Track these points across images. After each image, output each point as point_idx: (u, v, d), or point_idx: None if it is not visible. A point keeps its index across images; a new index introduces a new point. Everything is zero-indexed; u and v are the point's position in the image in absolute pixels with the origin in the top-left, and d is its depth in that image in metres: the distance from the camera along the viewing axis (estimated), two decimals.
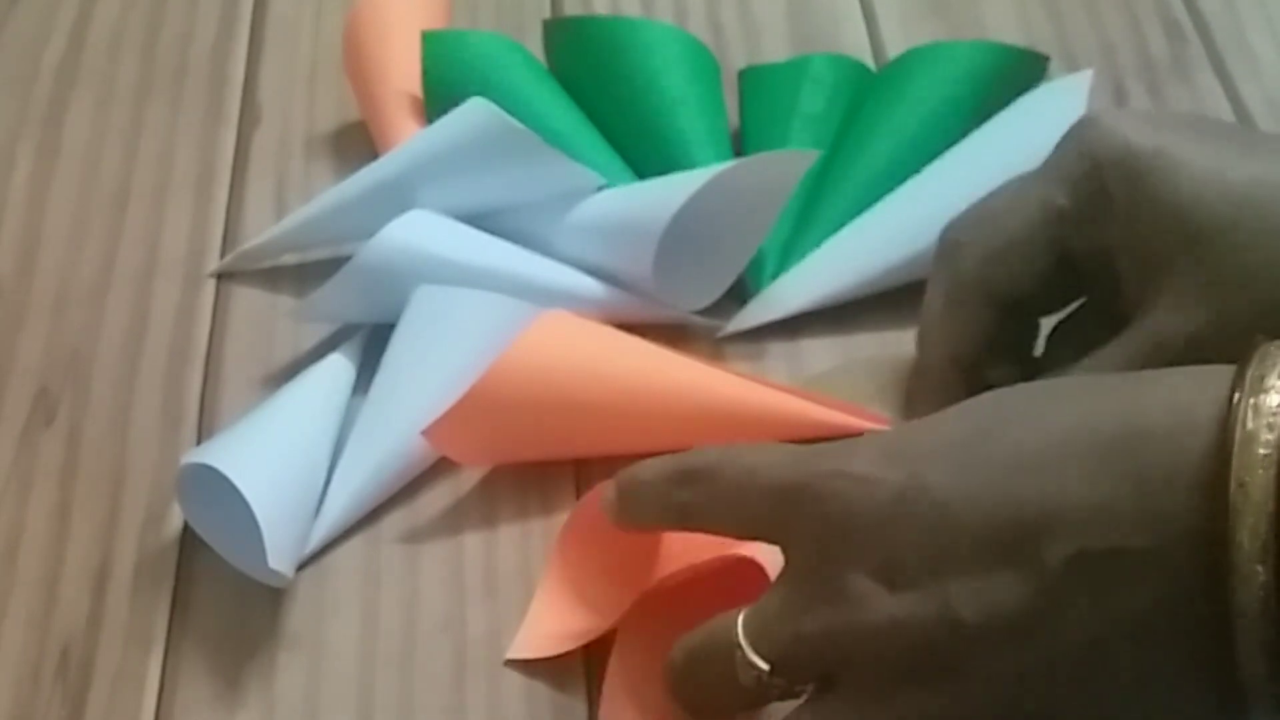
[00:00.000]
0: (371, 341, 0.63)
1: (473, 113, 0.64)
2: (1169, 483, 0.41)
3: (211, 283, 0.67)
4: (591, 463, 0.59)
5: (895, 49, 0.73)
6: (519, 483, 0.59)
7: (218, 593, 0.57)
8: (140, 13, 0.79)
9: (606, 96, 0.69)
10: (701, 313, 0.64)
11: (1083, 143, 0.53)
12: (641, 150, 0.68)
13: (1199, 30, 0.75)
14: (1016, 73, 0.69)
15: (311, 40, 0.78)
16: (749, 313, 0.64)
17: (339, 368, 0.61)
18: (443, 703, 0.54)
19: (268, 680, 0.55)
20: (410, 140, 0.66)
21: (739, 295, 0.64)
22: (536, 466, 0.59)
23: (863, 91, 0.70)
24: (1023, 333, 0.57)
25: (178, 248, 0.68)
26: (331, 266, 0.63)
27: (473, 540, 0.58)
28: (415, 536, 0.58)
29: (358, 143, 0.71)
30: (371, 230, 0.62)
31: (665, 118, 0.68)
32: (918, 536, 0.44)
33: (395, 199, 0.64)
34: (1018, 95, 0.68)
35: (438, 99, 0.68)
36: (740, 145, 0.69)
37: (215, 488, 0.54)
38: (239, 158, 0.72)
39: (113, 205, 0.70)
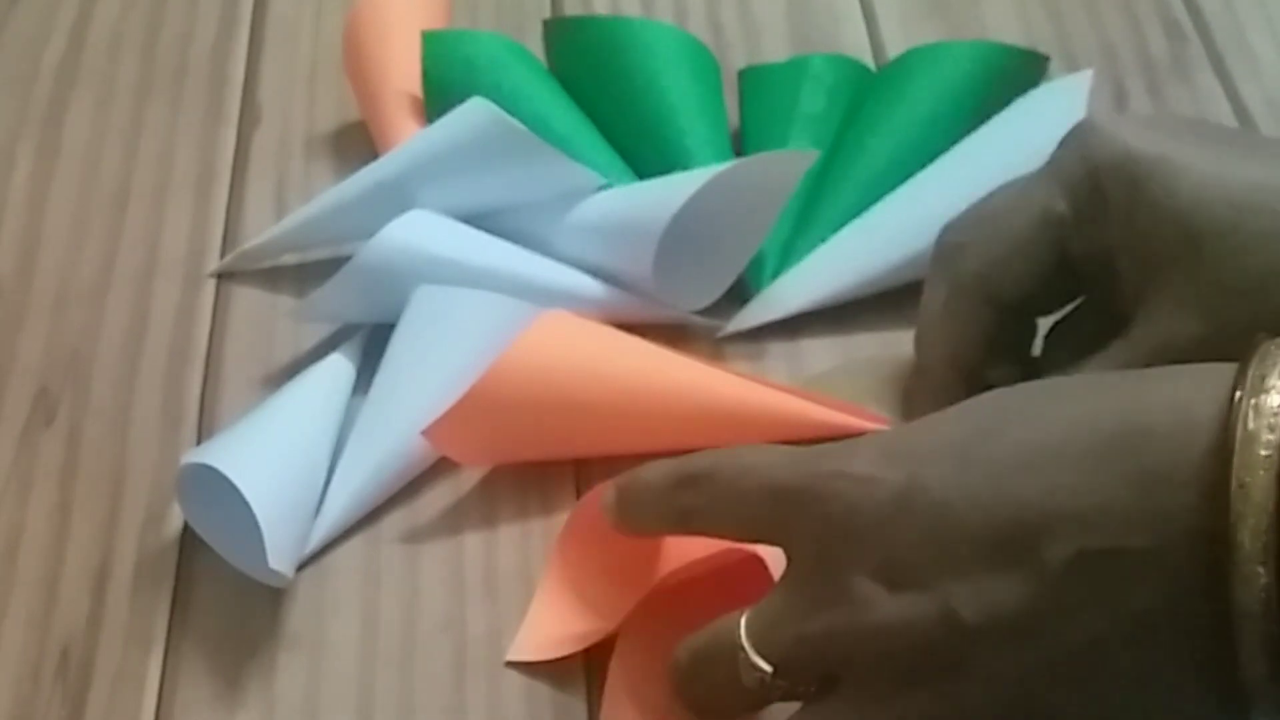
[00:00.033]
0: (371, 341, 0.62)
1: (473, 113, 0.64)
2: (1169, 483, 0.41)
3: (211, 283, 0.67)
4: (591, 463, 0.59)
5: (895, 49, 0.73)
6: (519, 483, 0.59)
7: (218, 593, 0.57)
8: (140, 13, 0.79)
9: (606, 96, 0.69)
10: (701, 313, 0.64)
11: (1082, 147, 0.53)
12: (641, 150, 0.68)
13: (1199, 30, 0.75)
14: (1016, 73, 0.69)
15: (311, 40, 0.78)
16: (749, 313, 0.64)
17: (339, 368, 0.61)
18: (443, 703, 0.54)
19: (268, 680, 0.55)
20: (410, 140, 0.66)
21: (739, 295, 0.64)
22: (536, 466, 0.59)
23: (863, 91, 0.70)
24: (1021, 333, 0.57)
25: (178, 248, 0.68)
26: (331, 266, 0.63)
27: (473, 540, 0.58)
28: (415, 536, 0.58)
29: (358, 143, 0.71)
30: (371, 230, 0.62)
31: (665, 118, 0.68)
32: (918, 537, 0.44)
33: (395, 199, 0.64)
34: (1018, 95, 0.68)
35: (438, 99, 0.68)
36: (740, 145, 0.69)
37: (215, 488, 0.54)
38: (239, 158, 0.72)
39: (113, 205, 0.70)
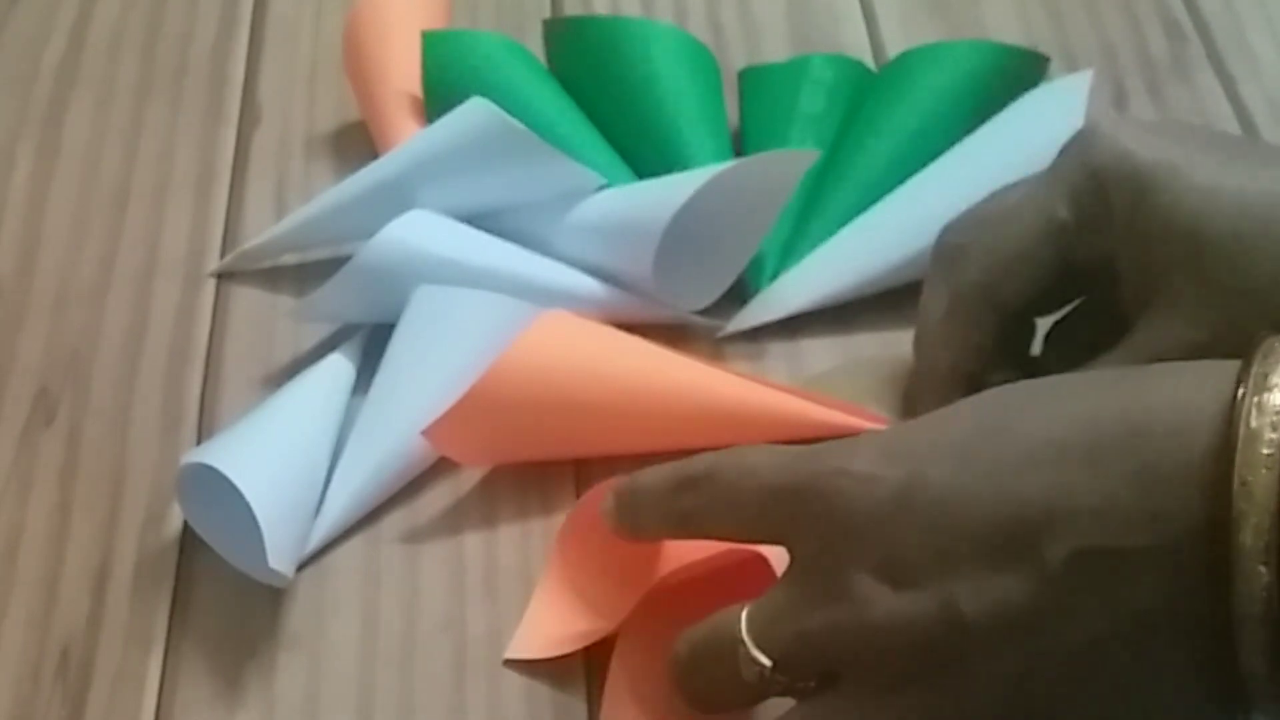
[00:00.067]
0: (371, 341, 0.62)
1: (473, 113, 0.64)
2: (1171, 481, 0.41)
3: (211, 283, 0.67)
4: (591, 463, 0.59)
5: (895, 49, 0.73)
6: (519, 483, 0.59)
7: (218, 593, 0.57)
8: (140, 13, 0.79)
9: (606, 96, 0.69)
10: (701, 313, 0.64)
11: (1085, 154, 0.53)
12: (641, 150, 0.68)
13: (1199, 30, 0.75)
14: (1016, 73, 0.69)
15: (311, 40, 0.78)
16: (749, 313, 0.64)
17: (339, 368, 0.61)
18: (443, 703, 0.54)
19: (268, 680, 0.54)
20: (410, 140, 0.66)
21: (739, 295, 0.64)
22: (536, 466, 0.59)
23: (863, 91, 0.69)
24: (1021, 334, 0.57)
25: (178, 248, 0.68)
26: (331, 266, 0.63)
27: (473, 540, 0.58)
28: (415, 536, 0.58)
29: (358, 143, 0.71)
30: (371, 230, 0.62)
31: (665, 118, 0.68)
32: (919, 535, 0.44)
33: (395, 199, 0.64)
34: (1018, 95, 0.68)
35: (438, 99, 0.68)
36: (740, 145, 0.69)
37: (215, 488, 0.54)
38: (239, 158, 0.72)
39: (113, 205, 0.70)
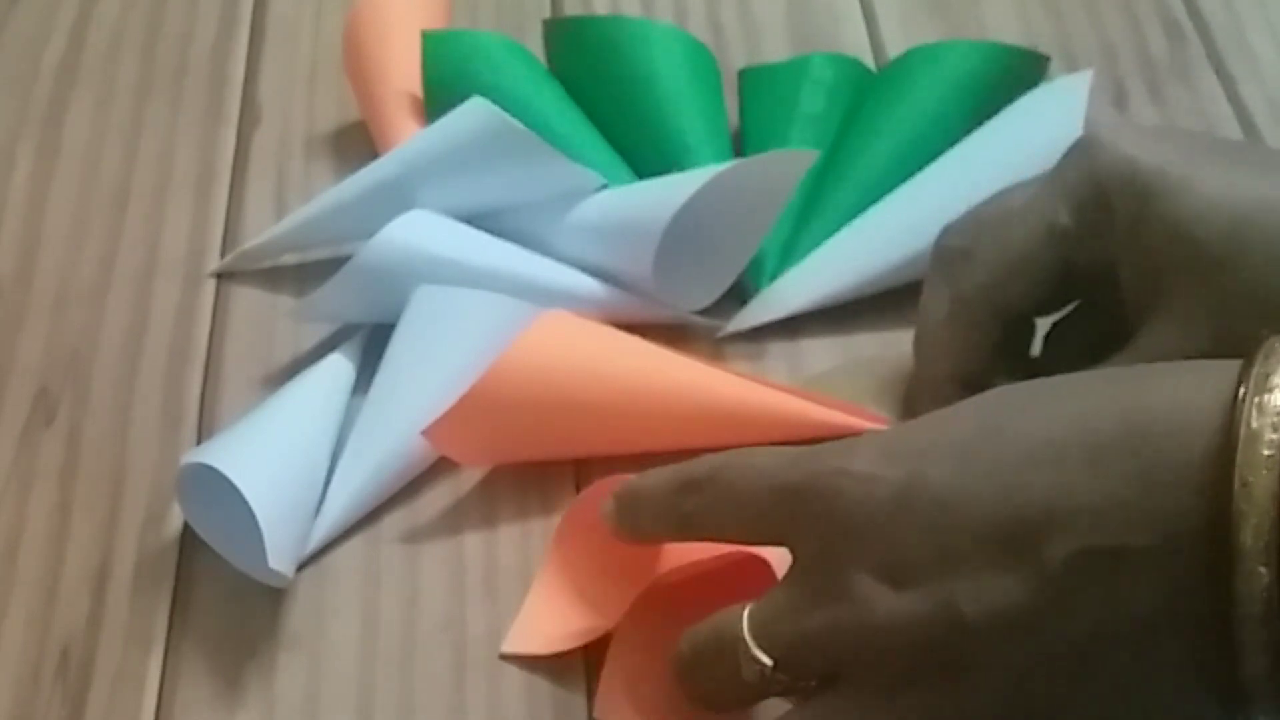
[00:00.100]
0: (371, 341, 0.62)
1: (473, 113, 0.64)
2: (1172, 481, 0.41)
3: (211, 283, 0.67)
4: (591, 463, 0.59)
5: (895, 49, 0.73)
6: (519, 483, 0.59)
7: (218, 593, 0.57)
8: (140, 13, 0.79)
9: (606, 96, 0.69)
10: (701, 313, 0.64)
11: (1087, 161, 0.53)
12: (641, 150, 0.68)
13: (1199, 30, 0.75)
14: (1016, 73, 0.69)
15: (311, 40, 0.78)
16: (749, 313, 0.64)
17: (339, 368, 0.61)
18: (443, 703, 0.54)
19: (268, 680, 0.54)
20: (410, 140, 0.66)
21: (739, 295, 0.64)
22: (536, 466, 0.59)
23: (863, 91, 0.69)
24: (1020, 334, 0.57)
25: (178, 248, 0.68)
26: (331, 266, 0.63)
27: (473, 540, 0.58)
28: (415, 536, 0.58)
29: (358, 143, 0.71)
30: (371, 230, 0.62)
31: (665, 118, 0.68)
32: (920, 535, 0.44)
33: (395, 199, 0.63)
34: (1018, 95, 0.68)
35: (438, 99, 0.68)
36: (740, 145, 0.69)
37: (215, 488, 0.54)
38: (239, 158, 0.72)
39: (113, 205, 0.70)
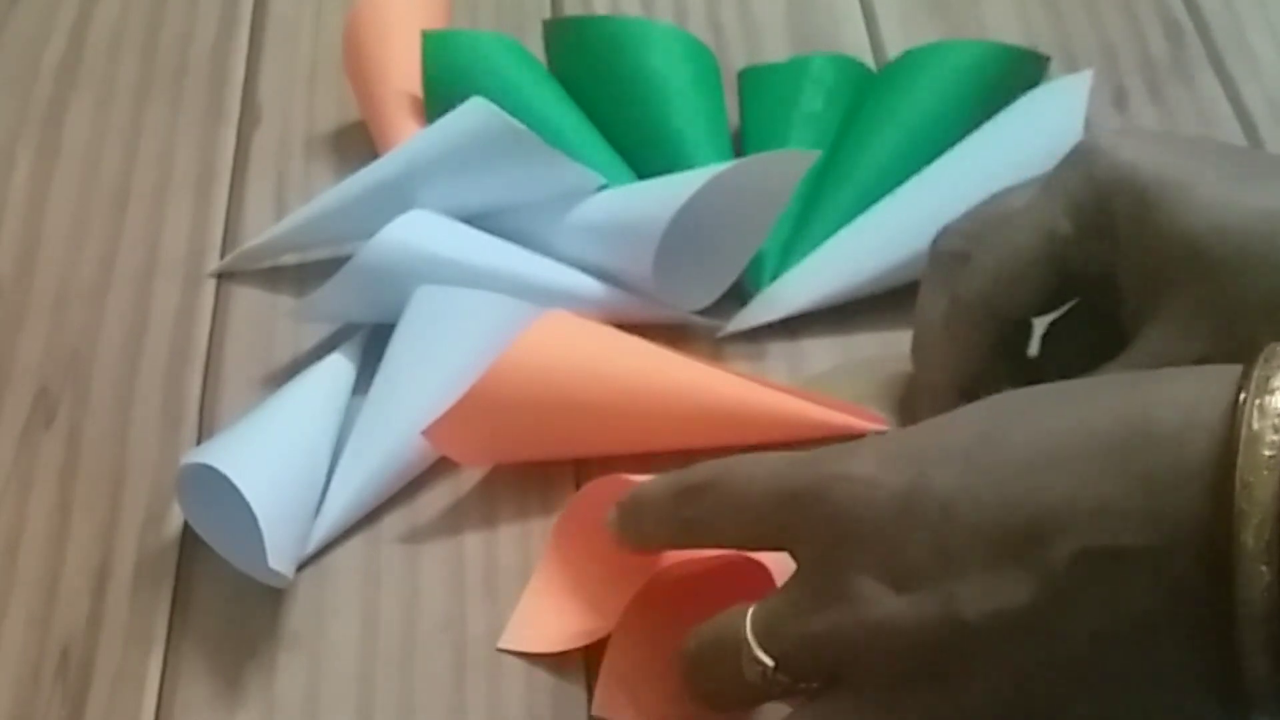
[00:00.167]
0: (371, 341, 0.62)
1: (473, 113, 0.64)
2: (1174, 483, 0.41)
3: (211, 283, 0.67)
4: (591, 463, 0.59)
5: (895, 49, 0.73)
6: (519, 483, 0.59)
7: (218, 593, 0.57)
8: (140, 13, 0.79)
9: (606, 96, 0.69)
10: (701, 313, 0.64)
11: (1087, 167, 0.53)
12: (641, 150, 0.68)
13: (1199, 30, 0.75)
14: (1016, 73, 0.69)
15: (311, 40, 0.78)
16: (749, 313, 0.64)
17: (339, 368, 0.61)
18: (443, 702, 0.54)
19: (268, 680, 0.54)
20: (410, 140, 0.66)
21: (739, 295, 0.64)
22: (536, 466, 0.59)
23: (863, 91, 0.69)
24: (1018, 335, 0.57)
25: (178, 248, 0.68)
26: (331, 266, 0.63)
27: (473, 540, 0.58)
28: (415, 536, 0.58)
29: (358, 143, 0.71)
30: (371, 230, 0.62)
31: (665, 118, 0.68)
32: (922, 538, 0.44)
33: (395, 199, 0.63)
34: (1018, 95, 0.68)
35: (438, 99, 0.68)
36: (740, 145, 0.69)
37: (215, 488, 0.54)
38: (239, 158, 0.72)
39: (113, 205, 0.70)
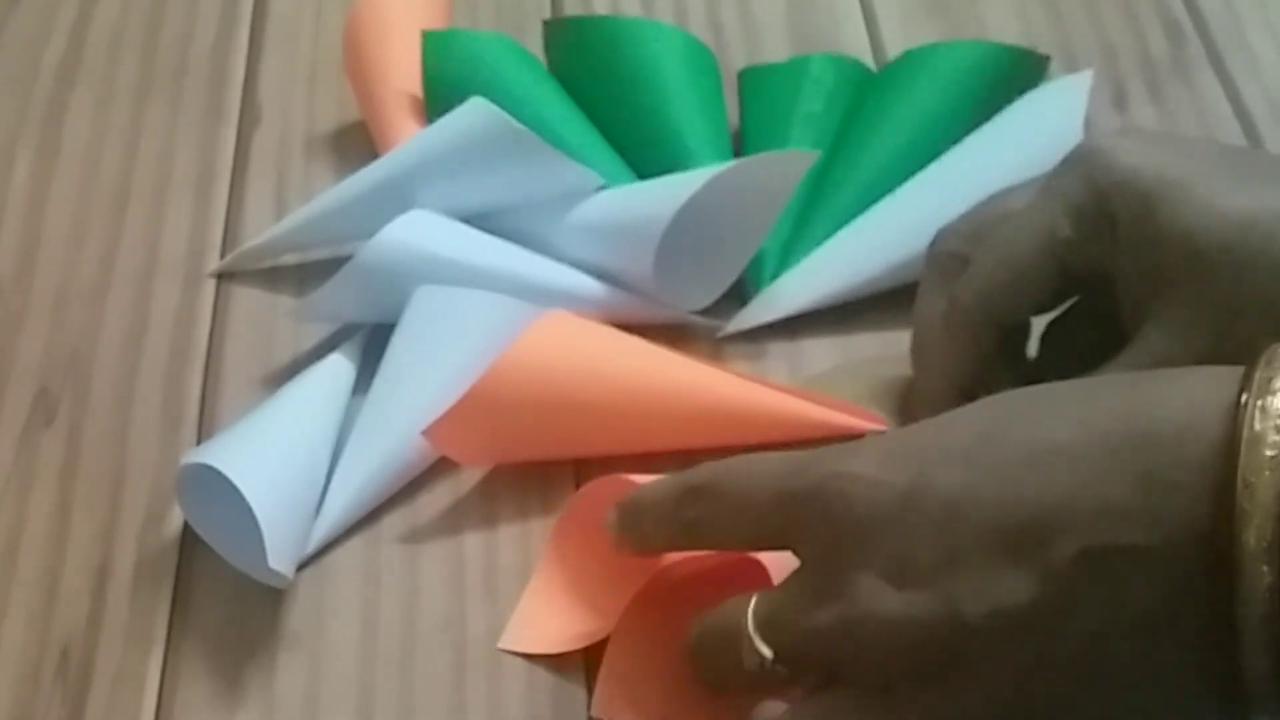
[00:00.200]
0: (371, 341, 0.62)
1: (473, 113, 0.64)
2: (1175, 482, 0.41)
3: (211, 283, 0.67)
4: (591, 463, 0.59)
5: (895, 49, 0.73)
6: (519, 483, 0.59)
7: (218, 593, 0.57)
8: (140, 13, 0.79)
9: (606, 96, 0.69)
10: (701, 313, 0.64)
11: (1087, 170, 0.53)
12: (641, 150, 0.68)
13: (1199, 30, 0.75)
14: (1016, 73, 0.69)
15: (311, 40, 0.78)
16: (749, 313, 0.64)
17: (339, 368, 0.61)
18: (443, 703, 0.54)
19: (268, 680, 0.54)
20: (410, 140, 0.66)
21: (739, 295, 0.64)
22: (536, 466, 0.59)
23: (863, 91, 0.69)
24: (1016, 338, 0.57)
25: (178, 248, 0.68)
26: (331, 266, 0.63)
27: (473, 540, 0.58)
28: (415, 536, 0.58)
29: (358, 143, 0.71)
30: (371, 230, 0.62)
31: (665, 118, 0.68)
32: (924, 536, 0.44)
33: (395, 199, 0.63)
34: (1018, 95, 0.68)
35: (438, 99, 0.68)
36: (740, 145, 0.69)
37: (215, 488, 0.54)
38: (239, 158, 0.72)
39: (113, 205, 0.70)
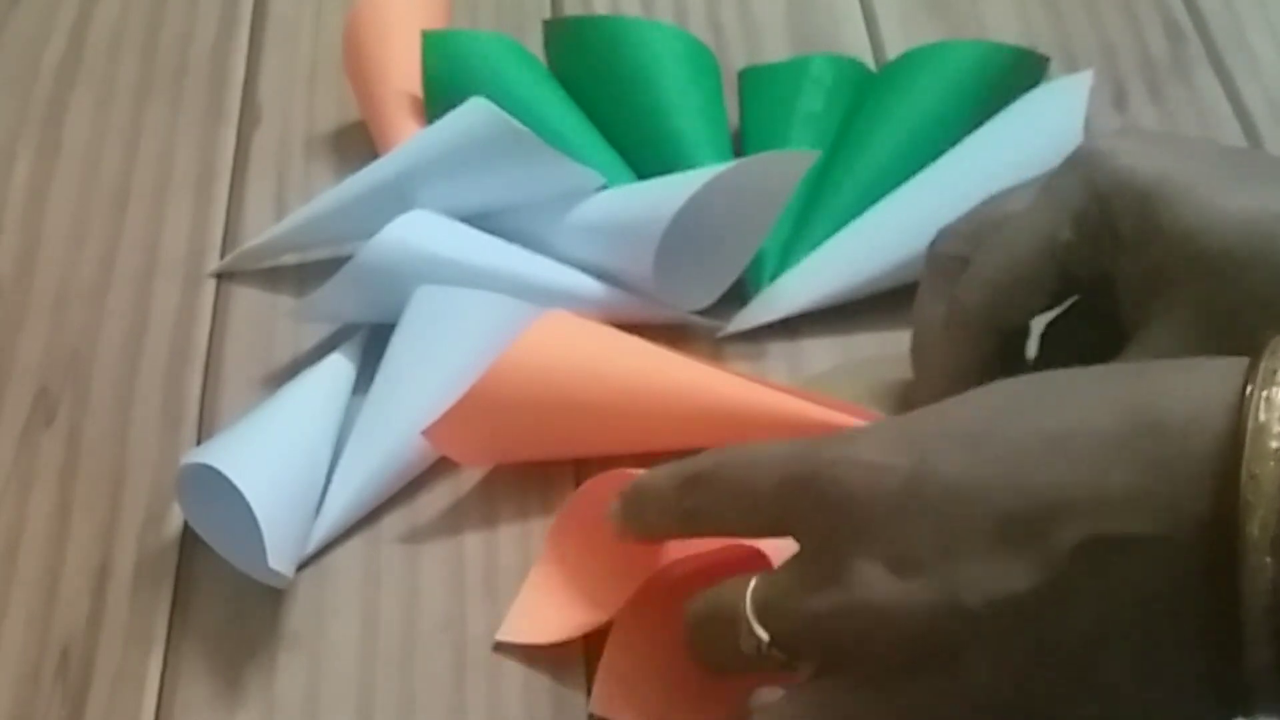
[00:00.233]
0: (371, 341, 0.62)
1: (473, 113, 0.64)
2: (1180, 472, 0.41)
3: (211, 283, 0.67)
4: (591, 463, 0.59)
5: (895, 49, 0.73)
6: (519, 483, 0.59)
7: (218, 593, 0.57)
8: (140, 13, 0.79)
9: (606, 96, 0.69)
10: (701, 313, 0.64)
11: (1086, 172, 0.53)
12: (641, 150, 0.68)
13: (1199, 30, 0.75)
14: (1016, 73, 0.69)
15: (311, 40, 0.78)
16: (749, 313, 0.64)
17: (339, 368, 0.61)
18: (443, 703, 0.54)
19: (268, 680, 0.54)
20: (410, 140, 0.66)
21: (739, 295, 0.64)
22: (536, 466, 0.59)
23: (863, 91, 0.70)
24: (1016, 339, 0.57)
25: (178, 248, 0.68)
26: (331, 266, 0.63)
27: (473, 540, 0.58)
28: (415, 536, 0.58)
29: (358, 143, 0.71)
30: (371, 230, 0.62)
31: (665, 118, 0.68)
32: (926, 523, 0.44)
33: (395, 199, 0.64)
34: (1018, 95, 0.68)
35: (438, 99, 0.68)
36: (740, 145, 0.69)
37: (215, 488, 0.54)
38: (239, 158, 0.72)
39: (113, 205, 0.70)
